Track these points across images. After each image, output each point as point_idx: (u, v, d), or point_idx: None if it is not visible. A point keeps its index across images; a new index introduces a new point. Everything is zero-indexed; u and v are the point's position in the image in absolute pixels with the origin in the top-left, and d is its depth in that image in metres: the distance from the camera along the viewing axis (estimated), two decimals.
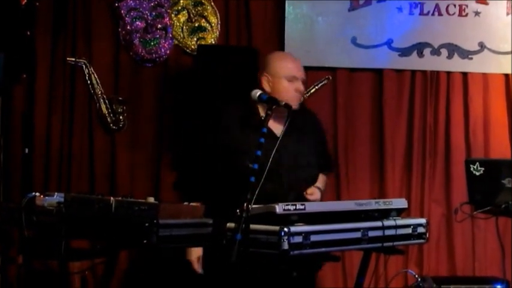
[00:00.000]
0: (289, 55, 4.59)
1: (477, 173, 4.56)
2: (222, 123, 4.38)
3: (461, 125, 6.24)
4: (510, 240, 5.99)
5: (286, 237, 3.46)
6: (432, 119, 6.25)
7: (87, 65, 6.15)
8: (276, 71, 4.33)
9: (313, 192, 4.26)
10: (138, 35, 6.20)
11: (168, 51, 6.23)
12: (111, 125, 6.20)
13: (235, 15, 6.27)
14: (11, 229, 5.14)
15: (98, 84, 6.17)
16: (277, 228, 3.48)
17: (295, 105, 4.26)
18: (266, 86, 4.33)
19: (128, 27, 6.19)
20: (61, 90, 6.20)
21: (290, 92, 4.30)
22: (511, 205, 4.41)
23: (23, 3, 5.89)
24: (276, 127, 4.24)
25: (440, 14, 6.19)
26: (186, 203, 3.85)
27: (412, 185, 6.21)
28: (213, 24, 6.24)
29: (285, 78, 4.30)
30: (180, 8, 6.26)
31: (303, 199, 4.16)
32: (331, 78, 6.22)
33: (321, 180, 4.46)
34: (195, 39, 6.24)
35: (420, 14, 6.21)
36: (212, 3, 6.26)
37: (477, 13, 6.18)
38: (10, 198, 5.66)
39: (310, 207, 3.71)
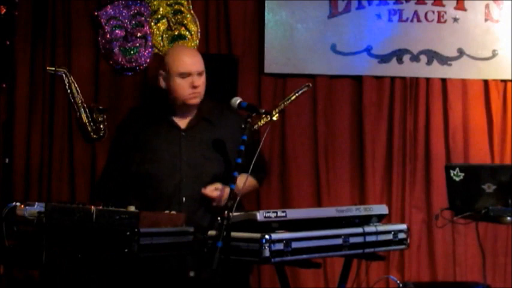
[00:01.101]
0: (184, 49, 4.47)
1: (457, 179, 4.57)
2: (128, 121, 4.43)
3: (441, 131, 6.26)
4: (490, 245, 6.04)
5: (267, 245, 3.46)
6: (412, 125, 6.26)
7: (67, 74, 6.14)
8: (169, 68, 4.25)
9: (218, 188, 4.16)
10: (117, 43, 6.18)
11: (148, 60, 6.22)
12: (92, 133, 6.18)
13: (215, 23, 6.26)
14: None
15: (78, 93, 6.15)
16: (258, 235, 3.49)
17: (194, 101, 4.24)
18: (162, 84, 4.28)
19: (108, 36, 6.18)
20: (41, 99, 6.17)
21: (186, 89, 4.22)
22: (490, 210, 4.42)
23: (2, 12, 5.87)
24: (182, 121, 4.28)
25: (419, 21, 6.21)
26: (166, 211, 3.86)
27: (393, 191, 6.21)
28: (192, 32, 6.23)
29: (178, 76, 4.22)
30: (159, 16, 6.26)
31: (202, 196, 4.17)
32: (311, 85, 6.23)
33: (244, 180, 4.04)
34: None
35: (399, 21, 6.22)
36: (192, 12, 6.26)
37: (456, 19, 6.21)
38: None
39: (292, 214, 3.72)
